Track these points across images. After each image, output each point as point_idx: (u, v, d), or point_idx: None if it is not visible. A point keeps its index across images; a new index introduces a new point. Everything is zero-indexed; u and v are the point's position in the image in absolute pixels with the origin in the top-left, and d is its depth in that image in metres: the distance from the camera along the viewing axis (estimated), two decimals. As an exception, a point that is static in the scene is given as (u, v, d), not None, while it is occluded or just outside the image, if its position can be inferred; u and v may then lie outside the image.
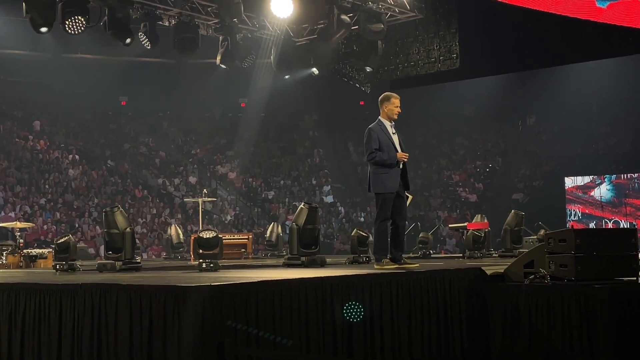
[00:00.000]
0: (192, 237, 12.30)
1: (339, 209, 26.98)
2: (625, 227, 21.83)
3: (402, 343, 6.30)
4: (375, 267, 7.55)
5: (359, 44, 16.01)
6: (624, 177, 24.55)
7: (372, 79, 17.17)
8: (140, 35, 14.07)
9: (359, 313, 5.89)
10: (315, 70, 16.48)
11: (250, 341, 5.20)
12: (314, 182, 28.00)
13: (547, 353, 6.51)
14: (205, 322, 4.99)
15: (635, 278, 6.66)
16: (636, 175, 24.20)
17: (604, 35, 14.89)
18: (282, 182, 27.61)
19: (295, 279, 5.79)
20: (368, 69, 16.35)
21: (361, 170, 30.20)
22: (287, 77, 16.89)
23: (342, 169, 29.82)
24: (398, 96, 7.95)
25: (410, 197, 8.20)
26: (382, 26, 14.97)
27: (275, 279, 5.77)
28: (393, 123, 7.88)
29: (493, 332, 6.91)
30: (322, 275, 6.05)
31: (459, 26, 15.74)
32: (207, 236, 7.72)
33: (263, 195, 26.77)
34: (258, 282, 5.50)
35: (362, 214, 26.74)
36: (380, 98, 7.99)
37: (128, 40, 13.45)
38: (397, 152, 7.68)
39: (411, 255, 13.93)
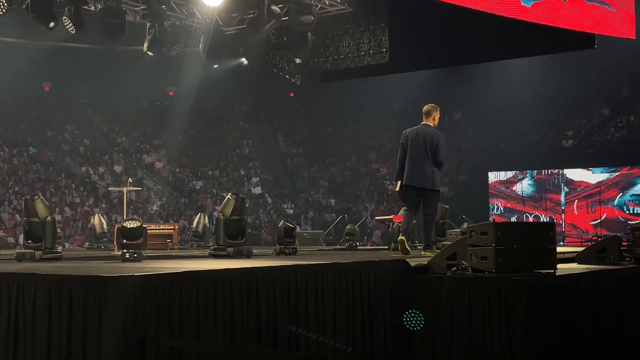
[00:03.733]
0: (116, 227, 12.08)
1: (267, 200, 26.94)
2: (545, 221, 22.50)
3: (326, 334, 6.33)
4: (427, 253, 8.93)
5: (288, 35, 15.97)
6: (544, 172, 25.29)
7: (301, 70, 17.16)
8: (65, 19, 13.67)
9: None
10: (244, 60, 16.37)
11: (173, 333, 5.13)
12: (242, 172, 27.87)
13: (468, 343, 6.65)
14: (128, 313, 4.90)
15: (552, 271, 6.86)
16: (556, 171, 24.97)
17: (528, 33, 15.27)
18: (210, 172, 27.37)
19: (221, 269, 5.75)
20: (298, 61, 16.33)
21: (290, 162, 30.24)
22: (215, 66, 16.71)
23: (271, 161, 29.77)
24: None
25: None
26: (312, 18, 14.97)
27: (200, 269, 5.72)
28: None
29: (416, 322, 7.01)
30: (248, 266, 6.02)
31: (389, 20, 15.86)
32: (131, 226, 7.56)
33: (190, 186, 26.48)
34: (182, 272, 5.43)
35: (291, 206, 26.77)
36: (430, 108, 9.44)
37: (52, 24, 13.05)
38: None
39: (338, 247, 14.04)
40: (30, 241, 8.05)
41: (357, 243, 13.51)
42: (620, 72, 25.96)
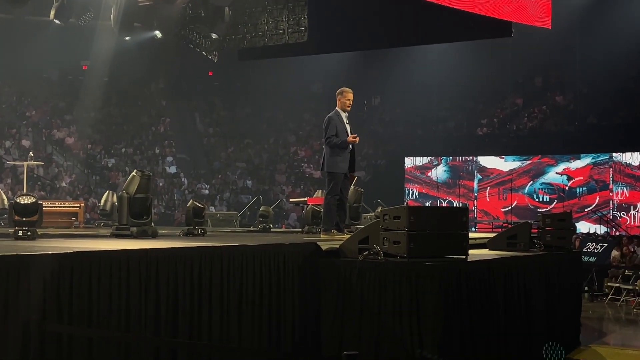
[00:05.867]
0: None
1: (182, 180, 26.37)
2: (458, 206, 22.75)
3: (231, 321, 6.04)
4: (323, 236, 9.07)
5: (205, 10, 15.49)
6: (459, 159, 25.59)
7: (218, 47, 16.72)
8: (-34, -18, 12.85)
9: None
10: (158, 33, 15.80)
11: (62, 318, 4.74)
12: (157, 151, 27.16)
13: (377, 329, 6.49)
14: (10, 296, 4.49)
15: (464, 256, 6.77)
16: (470, 158, 25.30)
17: (447, 19, 15.30)
18: (123, 150, 26.56)
19: (117, 250, 5.36)
20: (214, 36, 15.87)
21: (207, 142, 29.66)
22: (127, 38, 16.08)
23: (188, 140, 29.14)
24: (351, 90, 9.45)
25: (355, 177, 10.19)
26: (231, -8, 14.60)
27: (94, 249, 5.33)
28: (347, 114, 9.41)
29: (325, 307, 6.81)
30: (148, 247, 5.66)
31: (309, -1, 15.64)
32: (25, 202, 7.06)
33: (102, 163, 25.65)
34: (73, 253, 5.03)
35: (207, 186, 26.27)
36: (337, 92, 9.46)
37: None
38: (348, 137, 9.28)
39: (251, 229, 13.76)
40: None
41: (271, 225, 13.26)
42: (535, 63, 26.49)
